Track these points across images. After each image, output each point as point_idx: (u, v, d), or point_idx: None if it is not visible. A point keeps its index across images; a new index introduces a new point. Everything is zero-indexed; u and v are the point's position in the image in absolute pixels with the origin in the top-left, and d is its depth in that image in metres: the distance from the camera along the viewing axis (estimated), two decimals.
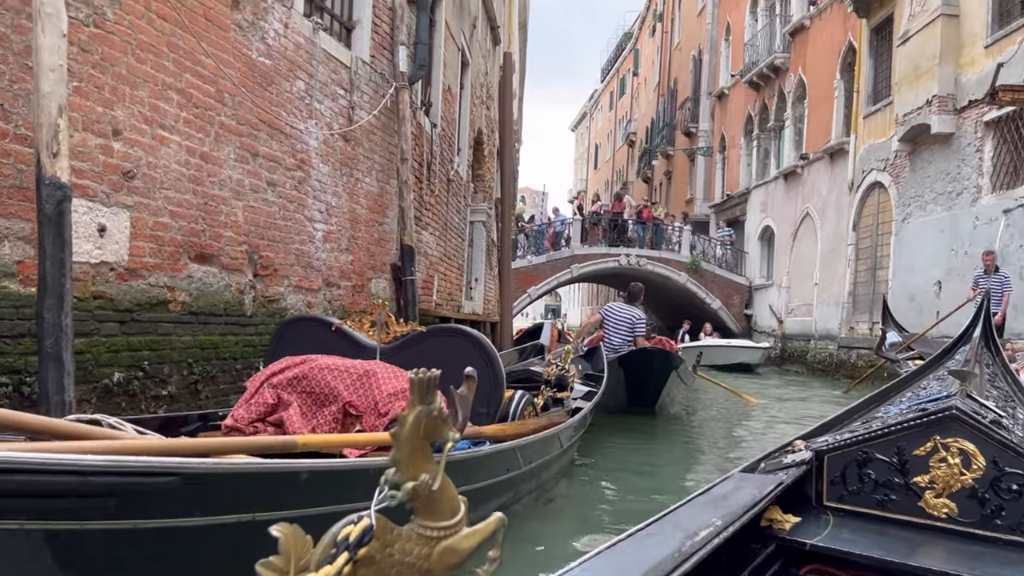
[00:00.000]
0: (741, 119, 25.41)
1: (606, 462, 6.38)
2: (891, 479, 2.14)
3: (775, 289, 22.02)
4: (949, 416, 2.08)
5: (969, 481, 2.04)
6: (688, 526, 1.63)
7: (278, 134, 4.85)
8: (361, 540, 0.93)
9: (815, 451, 2.25)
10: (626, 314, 8.46)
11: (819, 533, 2.05)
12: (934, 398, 2.48)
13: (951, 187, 13.58)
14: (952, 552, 1.95)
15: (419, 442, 0.98)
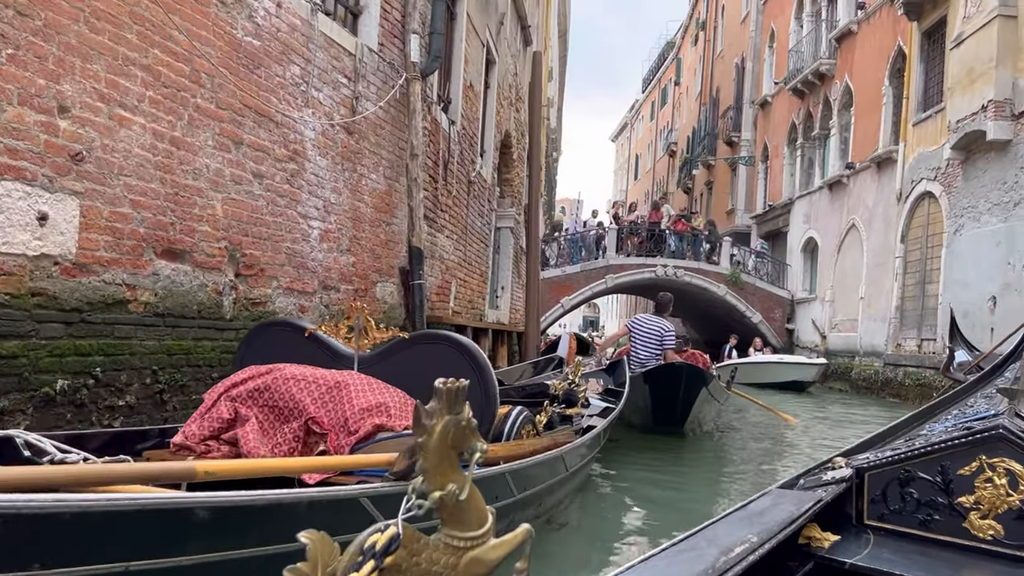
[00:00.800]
0: (785, 128, 24.65)
1: (626, 485, 5.87)
2: (934, 499, 2.07)
3: (818, 303, 21.19)
4: (995, 435, 2.00)
5: (1016, 503, 1.96)
6: (723, 542, 1.59)
7: (267, 122, 4.47)
8: (388, 548, 0.93)
9: (856, 468, 2.19)
10: (654, 326, 7.94)
11: (859, 552, 1.99)
12: (981, 416, 2.40)
13: (1008, 197, 12.78)
14: (997, 575, 1.89)
15: (447, 452, 0.97)
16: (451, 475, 1.00)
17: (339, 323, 3.38)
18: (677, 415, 7.39)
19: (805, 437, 9.42)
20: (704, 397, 7.46)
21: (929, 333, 15.20)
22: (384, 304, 5.96)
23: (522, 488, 3.22)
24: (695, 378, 7.17)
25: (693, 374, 7.17)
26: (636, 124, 57.01)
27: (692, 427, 7.84)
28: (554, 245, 22.73)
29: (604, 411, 5.57)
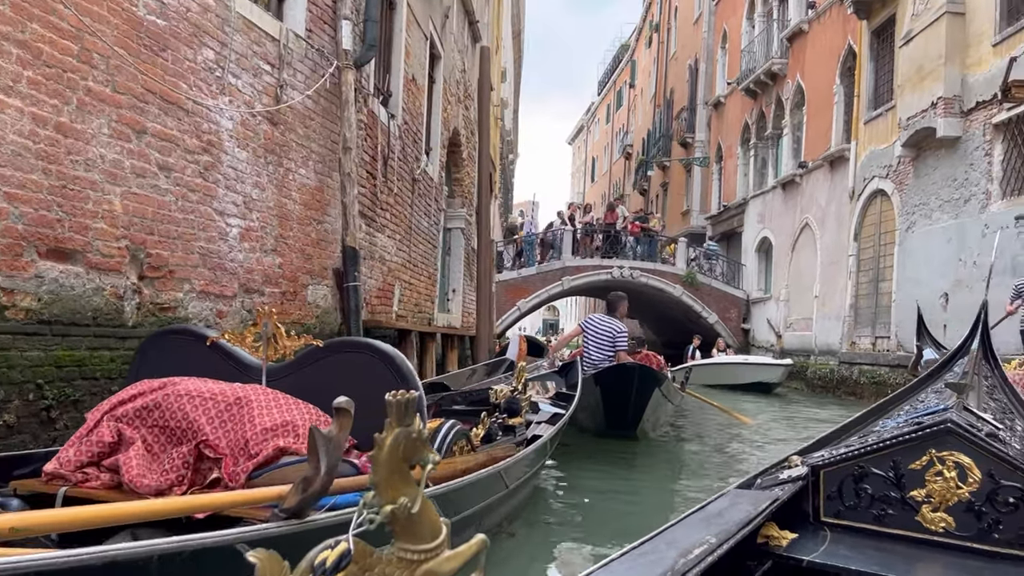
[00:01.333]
0: (738, 128, 24.71)
1: (576, 493, 5.57)
2: (888, 493, 2.11)
3: (773, 303, 21.22)
4: (944, 429, 2.05)
5: (966, 495, 2.01)
6: (682, 544, 1.60)
7: (175, 109, 4.06)
8: (339, 565, 0.92)
9: (811, 466, 2.22)
10: (607, 326, 7.66)
11: (816, 549, 2.02)
12: (931, 411, 2.44)
13: (958, 194, 12.81)
14: (949, 567, 1.93)
15: (397, 464, 0.96)
16: (403, 488, 0.98)
17: (244, 330, 2.99)
18: (629, 418, 7.12)
19: (761, 437, 9.23)
20: (657, 399, 7.19)
21: (883, 331, 15.22)
22: (317, 308, 5.57)
23: (454, 512, 2.88)
24: (647, 379, 6.90)
25: (645, 375, 6.90)
26: (592, 127, 57.12)
27: (646, 430, 7.58)
28: (510, 247, 22.45)
29: (553, 417, 5.26)
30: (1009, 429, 2.48)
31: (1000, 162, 11.81)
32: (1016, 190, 11.51)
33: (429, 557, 1.00)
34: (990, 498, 1.99)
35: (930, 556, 2.00)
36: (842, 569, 1.91)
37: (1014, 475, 1.98)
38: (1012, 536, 1.97)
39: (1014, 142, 11.57)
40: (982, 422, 2.27)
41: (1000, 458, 2.00)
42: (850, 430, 2.76)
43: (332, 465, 1.93)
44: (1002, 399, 3.11)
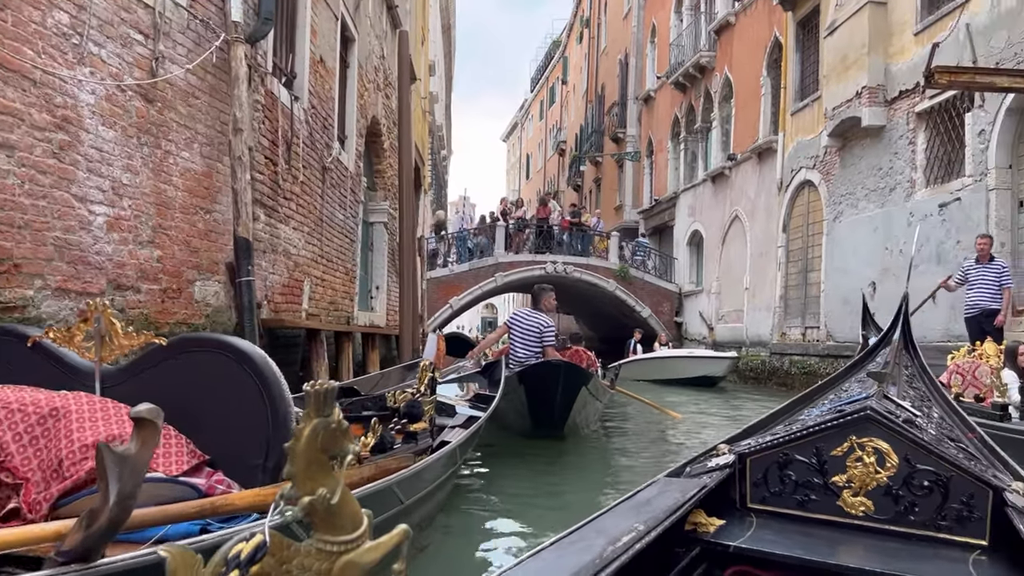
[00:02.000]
0: (668, 122, 24.73)
1: (497, 498, 5.20)
2: (811, 479, 2.16)
3: (705, 295, 21.26)
4: (864, 417, 2.11)
5: (884, 479, 2.08)
6: (611, 532, 1.61)
7: (17, 79, 3.51)
8: (254, 557, 0.90)
9: (738, 454, 2.26)
10: (533, 321, 7.30)
11: (742, 535, 2.06)
12: (853, 399, 2.48)
13: (883, 183, 12.88)
14: (869, 549, 1.98)
15: (315, 455, 0.95)
16: (321, 479, 0.95)
17: (72, 327, 2.50)
18: (555, 417, 6.77)
19: (690, 431, 9.02)
20: (585, 397, 6.86)
21: (813, 321, 15.28)
22: (206, 307, 5.04)
23: None
24: (573, 377, 6.56)
25: (571, 372, 6.55)
26: (526, 123, 56.99)
27: (573, 429, 7.24)
28: (442, 244, 21.98)
29: (468, 421, 4.86)
30: (926, 416, 2.60)
31: (923, 150, 11.89)
32: (939, 178, 11.59)
33: (350, 548, 0.98)
34: (907, 482, 2.06)
35: (851, 539, 2.06)
36: (767, 554, 1.95)
37: (929, 459, 2.05)
38: (927, 518, 2.04)
39: (936, 130, 11.65)
40: (900, 409, 2.35)
41: (916, 443, 2.07)
42: (776, 419, 2.81)
43: (126, 493, 1.49)
44: (920, 387, 3.25)
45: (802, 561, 1.92)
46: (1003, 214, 10.08)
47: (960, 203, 10.82)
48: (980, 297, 8.34)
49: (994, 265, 8.41)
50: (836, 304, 14.22)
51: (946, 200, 11.13)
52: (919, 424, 2.30)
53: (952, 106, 11.19)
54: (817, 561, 1.91)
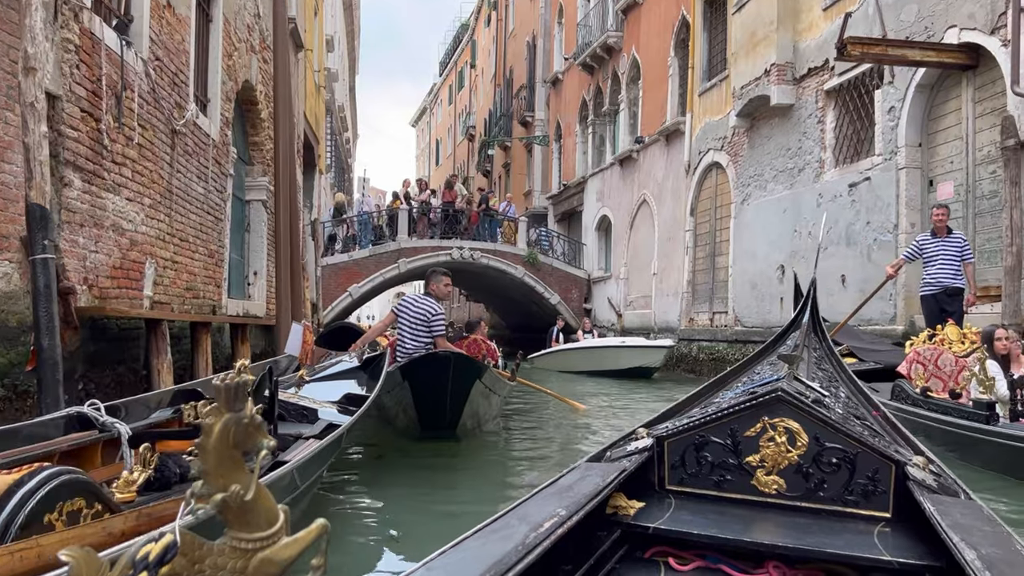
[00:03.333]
0: (576, 105, 24.20)
1: (375, 515, 4.35)
2: (726, 460, 2.22)
3: (613, 281, 20.84)
4: (775, 398, 2.18)
5: (795, 458, 2.15)
6: (533, 518, 1.62)
7: None
8: (163, 558, 0.87)
9: (656, 437, 2.31)
10: (421, 308, 6.45)
11: (661, 516, 2.10)
12: (765, 382, 2.55)
13: (792, 163, 12.56)
14: (782, 525, 2.05)
15: (228, 451, 0.93)
16: (234, 475, 0.93)
17: None
18: (446, 416, 5.94)
19: (600, 421, 8.38)
20: (480, 391, 6.05)
21: (720, 306, 14.96)
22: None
23: None
24: (465, 369, 5.74)
25: (462, 365, 5.74)
26: (435, 109, 55.95)
27: (469, 428, 6.43)
28: (341, 228, 20.77)
29: (329, 429, 3.99)
30: (834, 396, 2.69)
31: (832, 129, 11.58)
32: (848, 158, 11.30)
33: (265, 545, 0.94)
34: (816, 460, 2.13)
35: (764, 516, 2.11)
36: (684, 534, 1.99)
37: (837, 437, 2.11)
38: (835, 493, 2.11)
39: (845, 108, 11.35)
40: (810, 390, 2.39)
41: (825, 422, 2.13)
42: (693, 402, 2.87)
43: None
44: (828, 369, 3.32)
45: (718, 540, 1.97)
46: (913, 193, 9.81)
47: (870, 183, 10.53)
48: (941, 273, 7.45)
49: (954, 238, 7.52)
50: (744, 289, 13.90)
51: (856, 180, 10.84)
52: (827, 404, 2.37)
53: (862, 83, 10.89)
54: (732, 539, 1.96)
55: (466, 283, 30.94)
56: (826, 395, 2.53)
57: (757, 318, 13.35)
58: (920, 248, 7.69)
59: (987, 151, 8.74)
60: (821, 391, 2.52)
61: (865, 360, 7.83)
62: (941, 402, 5.57)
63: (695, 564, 2.00)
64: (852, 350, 8.05)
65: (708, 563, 2.00)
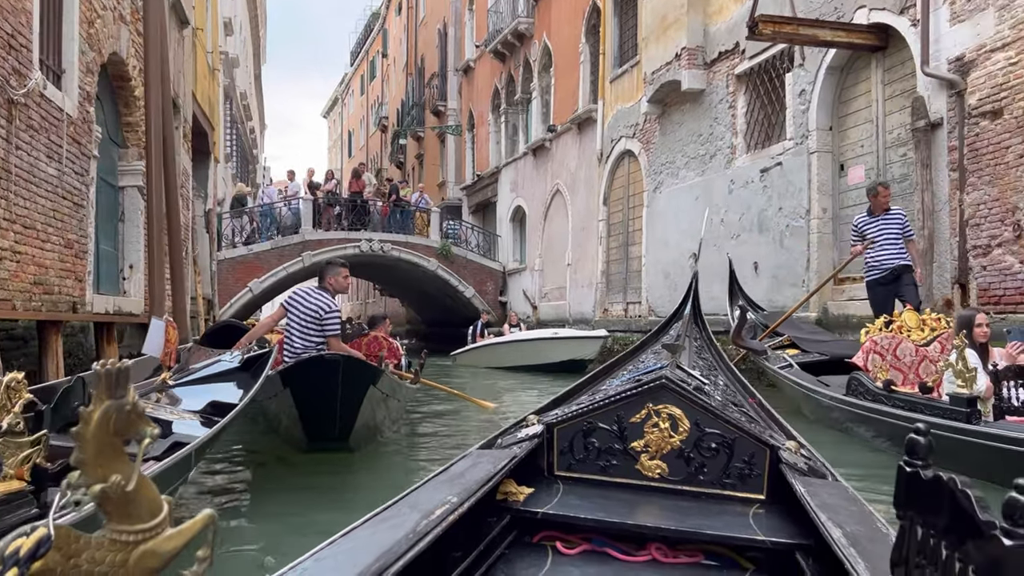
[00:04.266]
0: (488, 93, 23.67)
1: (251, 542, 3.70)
2: (612, 446, 2.29)
3: (528, 273, 20.43)
4: (659, 385, 2.27)
5: (677, 443, 2.24)
6: (424, 505, 1.62)
7: None
8: (35, 553, 0.83)
9: (546, 424, 2.36)
10: (313, 303, 5.77)
11: (550, 501, 2.14)
12: (649, 370, 2.73)
13: (703, 149, 12.34)
14: (664, 508, 2.12)
15: (108, 439, 0.89)
16: (115, 465, 0.89)
17: None
18: (336, 426, 5.27)
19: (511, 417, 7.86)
20: (375, 398, 5.39)
21: (634, 296, 14.70)
22: None
23: None
24: (357, 374, 5.08)
25: (354, 369, 5.08)
26: (347, 99, 54.63)
27: (366, 437, 5.76)
28: (238, 220, 19.64)
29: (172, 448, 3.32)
30: (713, 383, 2.84)
31: (743, 114, 11.38)
32: (760, 143, 11.11)
33: (148, 537, 0.90)
34: (696, 445, 2.23)
35: (648, 500, 2.20)
36: (571, 518, 2.05)
37: (716, 423, 2.23)
38: (714, 477, 2.22)
39: (756, 93, 11.16)
40: (691, 377, 2.55)
41: (705, 409, 2.24)
42: (581, 389, 2.93)
43: None
44: (708, 357, 3.43)
45: (603, 523, 2.03)
46: (824, 178, 9.65)
47: (781, 168, 10.35)
48: (887, 255, 6.87)
49: (893, 216, 6.96)
50: (658, 278, 13.66)
51: (767, 165, 10.65)
52: (707, 391, 2.46)
53: (772, 67, 10.71)
54: (617, 522, 2.02)
55: (378, 277, 30.09)
56: (706, 382, 2.63)
57: (671, 307, 13.00)
58: (860, 230, 7.14)
59: (897, 134, 8.62)
60: (702, 379, 2.63)
61: (809, 351, 7.36)
62: (909, 397, 4.98)
63: (581, 548, 2.04)
64: (794, 341, 7.62)
65: (594, 546, 2.03)
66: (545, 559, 2.00)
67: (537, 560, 1.99)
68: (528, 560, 1.99)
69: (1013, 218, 6.83)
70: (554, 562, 1.98)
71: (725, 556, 1.99)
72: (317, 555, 1.31)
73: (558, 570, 1.94)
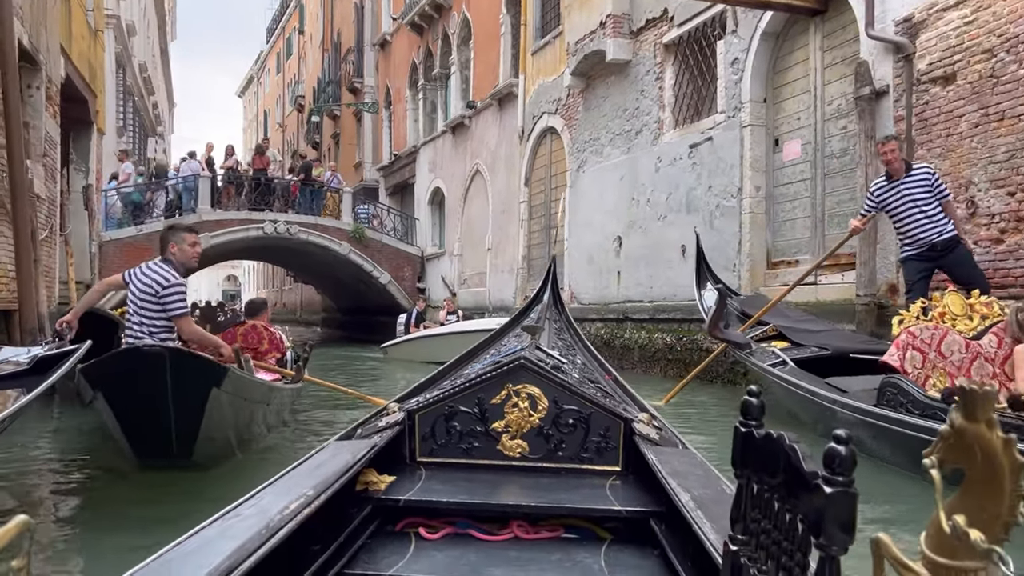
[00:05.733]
0: (406, 69, 22.46)
1: None
2: (474, 428, 2.32)
3: (447, 258, 19.40)
4: (519, 365, 2.32)
5: (536, 421, 2.29)
6: (280, 500, 1.58)
7: None
8: None
9: (407, 411, 2.36)
10: (151, 276, 4.63)
11: (412, 488, 2.13)
12: (510, 352, 2.74)
13: (629, 125, 11.52)
14: (525, 486, 2.17)
15: None
16: None
17: None
18: (173, 442, 4.13)
19: None
20: (222, 402, 4.28)
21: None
22: None
23: None
24: (191, 372, 3.98)
25: (186, 366, 3.95)
26: (263, 78, 52.36)
27: (225, 451, 4.64)
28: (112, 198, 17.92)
29: None
30: (571, 363, 2.94)
31: (672, 87, 10.60)
32: (689, 117, 10.35)
33: None
34: (555, 422, 2.29)
35: (509, 479, 2.22)
36: (434, 503, 2.06)
37: (573, 399, 2.30)
38: (572, 452, 2.29)
39: (685, 63, 10.38)
40: (550, 357, 2.62)
41: (563, 386, 2.32)
42: (444, 375, 3.01)
43: None
44: (567, 337, 3.67)
45: (467, 505, 2.05)
46: (758, 153, 8.93)
47: (712, 143, 9.60)
48: (920, 227, 5.45)
49: (918, 175, 5.47)
50: (581, 263, 12.83)
51: (697, 140, 9.89)
52: (565, 370, 2.57)
53: (703, 35, 9.94)
54: (479, 503, 2.05)
55: (287, 262, 28.55)
56: (564, 361, 2.70)
57: (594, 294, 12.31)
58: (877, 200, 5.63)
59: (837, 104, 7.93)
60: (560, 358, 2.70)
61: (803, 344, 5.84)
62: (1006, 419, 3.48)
63: (445, 531, 2.03)
64: (781, 331, 6.20)
65: (457, 529, 2.04)
66: (408, 546, 1.98)
67: (400, 548, 1.97)
68: (390, 548, 1.97)
69: (967, 194, 6.18)
70: (417, 548, 1.98)
71: (584, 528, 2.04)
72: (163, 557, 1.24)
73: (421, 555, 1.93)
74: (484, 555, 1.91)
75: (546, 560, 1.88)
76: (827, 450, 0.83)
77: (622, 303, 11.37)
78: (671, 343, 9.81)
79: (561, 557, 1.90)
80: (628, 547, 1.95)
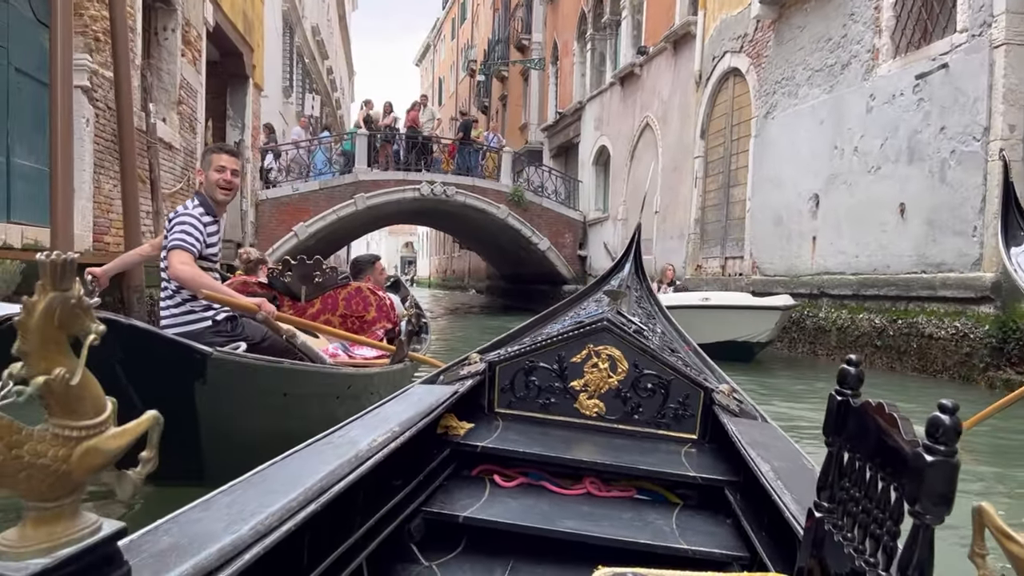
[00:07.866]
0: (574, 19, 20.89)
1: None
2: (552, 384, 2.37)
3: (611, 223, 17.79)
4: (602, 327, 2.36)
5: (615, 383, 2.33)
6: (367, 433, 1.64)
7: None
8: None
9: (488, 363, 2.41)
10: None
11: (489, 436, 2.18)
12: (591, 315, 2.68)
13: (833, 58, 9.39)
14: (600, 445, 2.20)
15: (53, 332, 0.82)
16: (59, 359, 0.82)
17: None
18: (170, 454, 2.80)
19: None
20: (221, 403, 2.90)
21: (735, 249, 11.93)
22: None
23: None
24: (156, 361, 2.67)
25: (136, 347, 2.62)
26: (439, 45, 52.56)
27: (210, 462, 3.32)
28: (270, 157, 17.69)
29: None
30: (651, 330, 2.90)
31: (891, 4, 8.39)
32: (915, 42, 8.13)
33: (91, 434, 0.84)
34: (634, 385, 2.32)
35: (584, 437, 2.27)
36: (510, 452, 2.09)
37: (654, 365, 2.31)
38: (649, 417, 2.32)
39: None
40: (631, 322, 2.57)
41: (644, 350, 2.34)
42: (524, 332, 2.91)
43: None
44: (647, 307, 3.62)
45: (541, 457, 2.08)
46: (1014, 81, 6.69)
47: (947, 72, 7.40)
48: None
49: None
50: (765, 227, 10.86)
51: (925, 70, 7.69)
52: (646, 335, 2.54)
53: None
54: (553, 456, 2.07)
55: (446, 226, 27.97)
56: (645, 328, 2.70)
57: (781, 264, 10.33)
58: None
59: None
60: (641, 325, 2.69)
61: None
62: None
63: (519, 480, 2.08)
64: None
65: (531, 479, 2.07)
66: (483, 490, 2.03)
67: (475, 491, 2.01)
68: (467, 491, 2.01)
69: None
70: (492, 493, 2.02)
71: (656, 492, 2.07)
72: (263, 472, 1.29)
73: (495, 500, 1.97)
74: (557, 506, 1.94)
75: (618, 518, 1.89)
76: (931, 418, 0.82)
77: (817, 275, 9.38)
78: (881, 326, 7.79)
79: (632, 516, 1.91)
80: (701, 513, 1.96)
